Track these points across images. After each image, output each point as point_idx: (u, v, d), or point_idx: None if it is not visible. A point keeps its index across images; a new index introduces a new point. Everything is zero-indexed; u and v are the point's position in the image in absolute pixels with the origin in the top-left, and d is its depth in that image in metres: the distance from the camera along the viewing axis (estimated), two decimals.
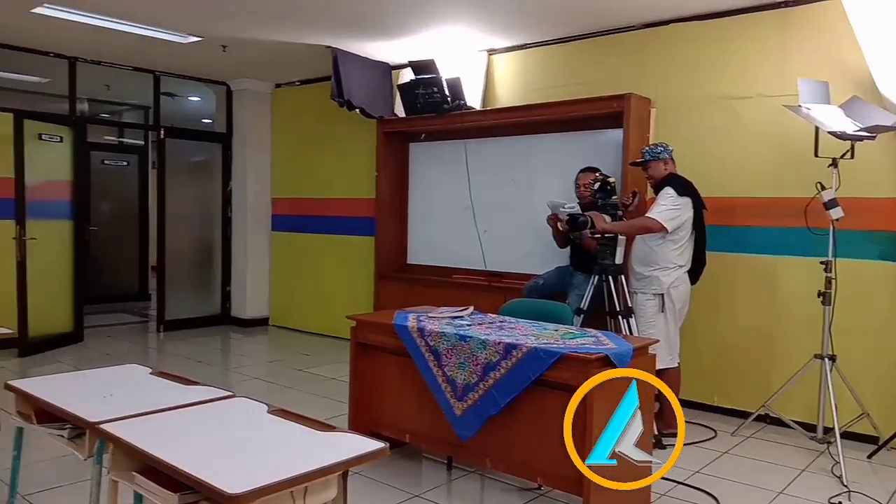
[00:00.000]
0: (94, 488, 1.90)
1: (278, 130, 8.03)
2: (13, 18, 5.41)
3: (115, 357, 6.38)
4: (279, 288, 8.09)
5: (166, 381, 2.29)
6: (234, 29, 5.67)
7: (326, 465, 1.53)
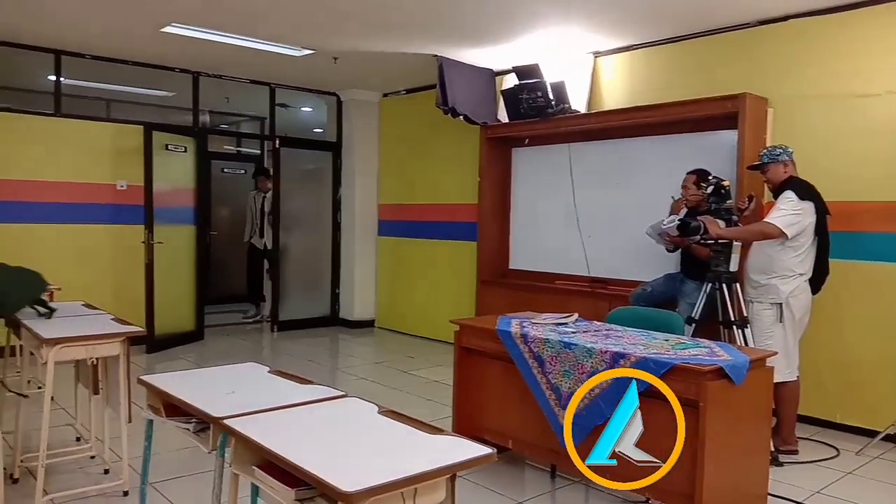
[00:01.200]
0: (217, 480, 2.01)
1: (385, 138, 8.24)
2: (144, 37, 5.83)
3: (233, 355, 6.74)
4: (385, 291, 8.28)
5: (283, 379, 2.39)
6: (345, 41, 5.87)
7: (436, 467, 1.55)
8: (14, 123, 6.22)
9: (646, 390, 2.86)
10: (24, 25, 5.61)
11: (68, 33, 5.84)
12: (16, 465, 3.50)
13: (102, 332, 3.19)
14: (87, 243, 6.54)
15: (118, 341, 3.18)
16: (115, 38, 5.92)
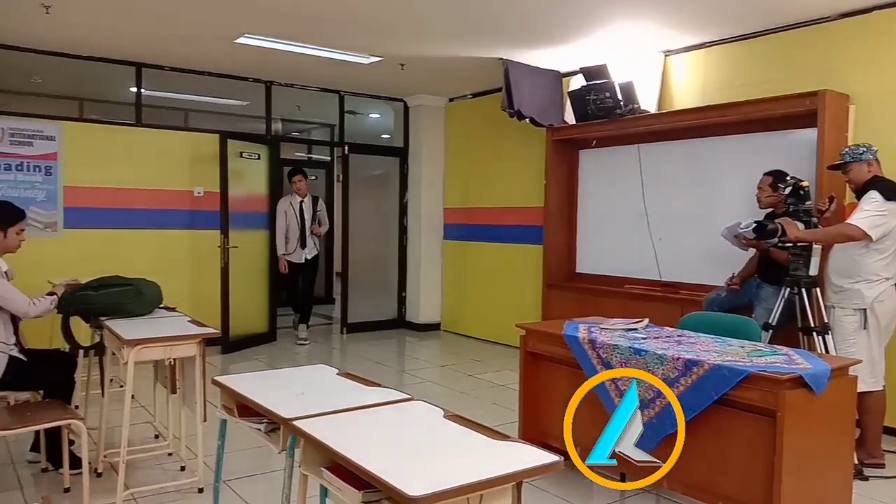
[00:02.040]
0: (287, 480, 2.05)
1: (451, 143, 8.28)
2: (219, 49, 6.04)
3: (303, 356, 6.89)
4: (450, 294, 8.31)
5: (351, 381, 2.42)
6: (412, 48, 5.93)
7: (503, 474, 1.54)
8: (100, 134, 6.54)
9: (722, 399, 2.78)
10: (108, 41, 5.90)
11: (149, 47, 6.10)
12: (99, 460, 3.67)
13: (180, 334, 3.32)
14: (166, 248, 6.81)
15: (194, 342, 3.30)
16: (192, 50, 6.15)
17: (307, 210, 7.34)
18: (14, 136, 6.07)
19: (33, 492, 3.45)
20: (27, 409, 3.37)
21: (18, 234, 3.58)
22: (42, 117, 6.30)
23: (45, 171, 6.20)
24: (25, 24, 5.35)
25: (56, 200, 6.25)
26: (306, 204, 7.35)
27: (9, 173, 6.05)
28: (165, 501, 3.37)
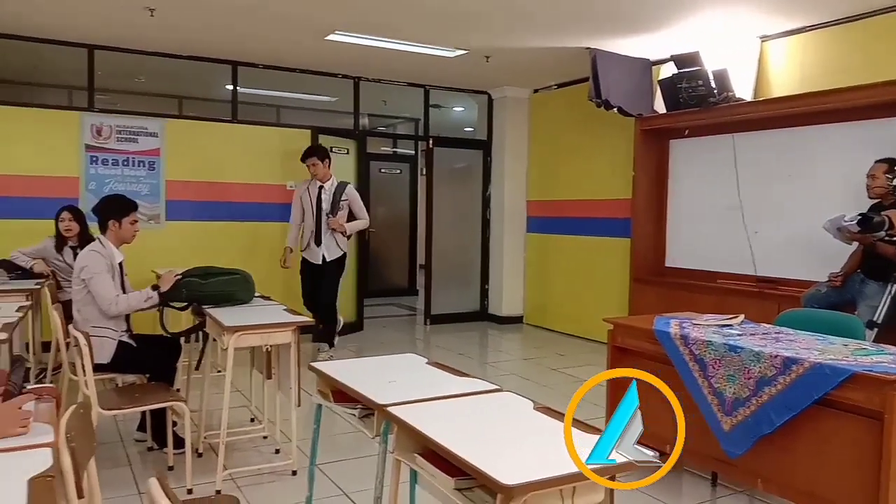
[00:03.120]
0: (380, 465, 2.11)
1: (535, 134, 8.22)
2: (310, 46, 6.21)
3: (389, 346, 7.03)
4: (533, 287, 8.27)
5: (441, 370, 2.46)
6: (497, 40, 5.92)
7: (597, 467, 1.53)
8: (198, 130, 6.86)
9: (822, 399, 2.66)
10: (207, 40, 6.18)
11: (244, 46, 6.35)
12: (200, 441, 3.87)
13: (276, 322, 3.45)
14: (259, 239, 7.07)
15: (290, 330, 3.42)
16: (285, 47, 6.36)
17: (326, 199, 5.98)
18: (121, 133, 6.45)
19: (140, 469, 3.67)
20: (135, 391, 3.59)
21: (132, 225, 3.79)
22: (145, 115, 6.67)
23: (149, 166, 6.57)
24: (131, 27, 5.67)
25: (159, 194, 6.61)
26: (327, 191, 6.00)
27: (116, 168, 6.43)
28: (261, 482, 3.51)
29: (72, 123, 6.29)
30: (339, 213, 5.95)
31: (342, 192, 6.03)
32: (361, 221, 6.17)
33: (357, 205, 6.12)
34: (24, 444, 1.64)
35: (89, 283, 3.59)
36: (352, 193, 6.12)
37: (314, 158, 5.97)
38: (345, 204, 6.02)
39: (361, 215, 6.14)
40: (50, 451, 1.61)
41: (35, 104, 6.49)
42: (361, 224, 6.22)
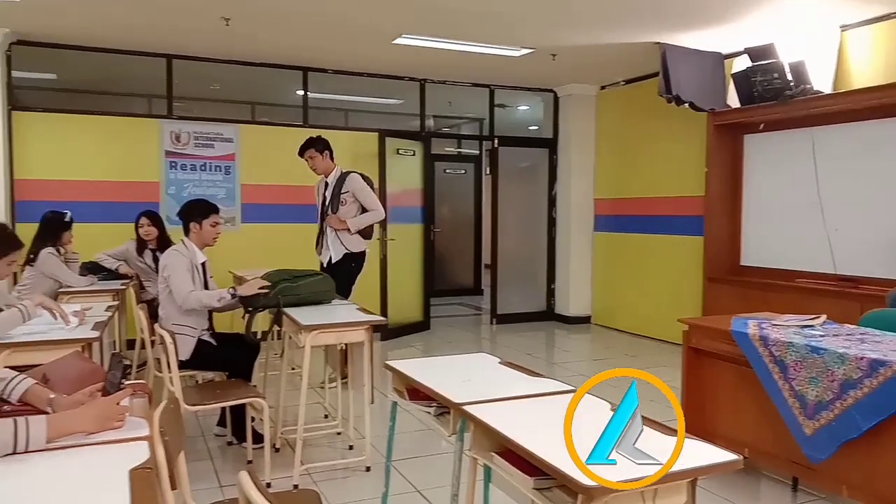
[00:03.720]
0: (456, 463, 2.14)
1: (602, 131, 8.11)
2: (378, 50, 6.31)
3: (456, 345, 7.07)
4: (601, 287, 8.16)
5: (514, 370, 2.47)
6: (564, 37, 5.88)
7: (680, 469, 1.52)
8: (271, 135, 7.06)
9: None
10: (278, 47, 6.35)
11: (314, 52, 6.50)
12: (277, 436, 3.98)
13: (350, 321, 3.52)
14: None
15: (363, 329, 3.49)
16: (353, 52, 6.48)
17: (328, 194, 5.25)
18: (198, 139, 6.70)
19: (221, 463, 3.81)
20: (216, 388, 3.73)
21: (213, 228, 3.93)
22: (221, 121, 6.91)
23: (225, 170, 6.81)
24: (207, 36, 5.88)
25: (235, 197, 6.84)
26: (329, 186, 5.24)
27: (194, 173, 6.69)
28: (335, 477, 3.60)
29: (152, 130, 6.58)
30: (341, 208, 5.12)
31: (341, 184, 5.15)
32: (369, 214, 5.18)
33: (363, 196, 5.16)
34: (121, 437, 1.73)
35: (168, 280, 3.76)
36: (354, 184, 5.14)
37: (311, 150, 5.20)
38: (346, 197, 5.12)
39: (372, 207, 5.18)
40: (146, 444, 1.69)
41: (118, 113, 6.81)
42: (369, 217, 5.19)
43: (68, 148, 6.31)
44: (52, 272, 4.77)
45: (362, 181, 5.17)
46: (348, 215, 5.11)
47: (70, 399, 1.84)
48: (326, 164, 5.21)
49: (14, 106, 6.11)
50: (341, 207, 5.11)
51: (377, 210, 5.20)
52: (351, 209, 5.12)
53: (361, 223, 5.16)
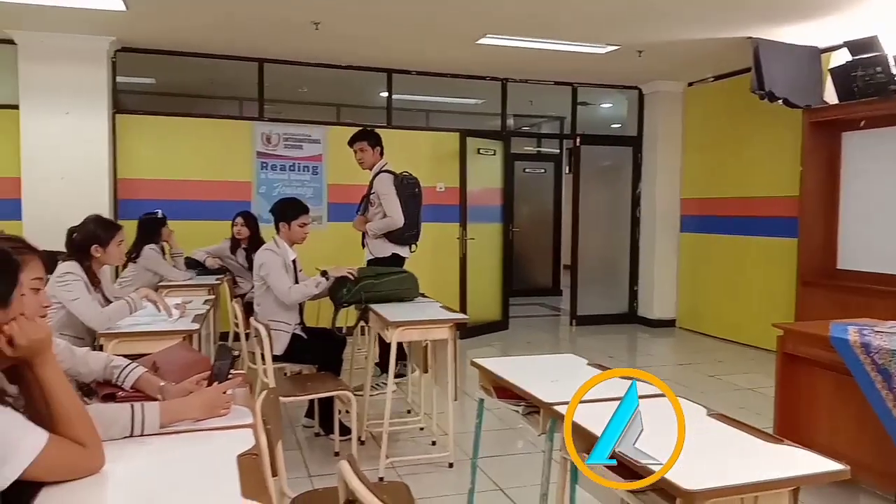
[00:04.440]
0: (546, 462, 2.14)
1: (689, 129, 7.89)
2: (461, 51, 6.35)
3: (535, 346, 7.03)
4: (687, 290, 7.94)
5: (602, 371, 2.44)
6: (651, 34, 5.76)
7: (784, 477, 1.48)
8: None
9: None
10: (364, 50, 6.49)
11: (398, 54, 6.61)
12: (363, 430, 4.08)
13: (435, 318, 3.58)
14: None
15: (447, 327, 3.54)
16: (437, 54, 6.55)
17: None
18: (287, 140, 6.92)
19: (309, 453, 3.93)
20: (307, 380, 3.85)
21: (302, 227, 4.08)
22: (309, 123, 7.12)
23: (313, 170, 7.01)
24: (297, 40, 6.07)
25: (322, 197, 7.03)
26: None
27: (283, 173, 6.92)
28: (419, 472, 3.65)
29: (244, 132, 6.85)
30: (370, 209, 4.93)
31: (373, 183, 4.95)
32: (382, 221, 4.85)
33: (384, 199, 4.83)
34: (228, 424, 1.82)
35: (266, 279, 3.91)
36: (380, 185, 4.86)
37: (363, 143, 4.98)
38: (374, 198, 4.90)
39: (389, 212, 4.81)
40: (250, 431, 1.78)
41: (213, 115, 7.13)
42: (381, 224, 4.85)
43: (166, 149, 6.65)
44: (154, 267, 5.05)
45: (389, 183, 4.84)
46: (375, 217, 4.88)
47: (179, 387, 1.95)
48: (375, 159, 4.99)
49: (118, 109, 6.48)
50: (370, 208, 4.91)
51: (393, 217, 4.79)
52: (379, 211, 4.87)
53: (375, 229, 4.88)
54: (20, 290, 1.49)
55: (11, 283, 1.46)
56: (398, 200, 4.81)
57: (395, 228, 4.84)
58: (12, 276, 1.47)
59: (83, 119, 6.09)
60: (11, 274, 1.47)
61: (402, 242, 4.95)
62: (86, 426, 1.48)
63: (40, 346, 1.46)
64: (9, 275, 1.47)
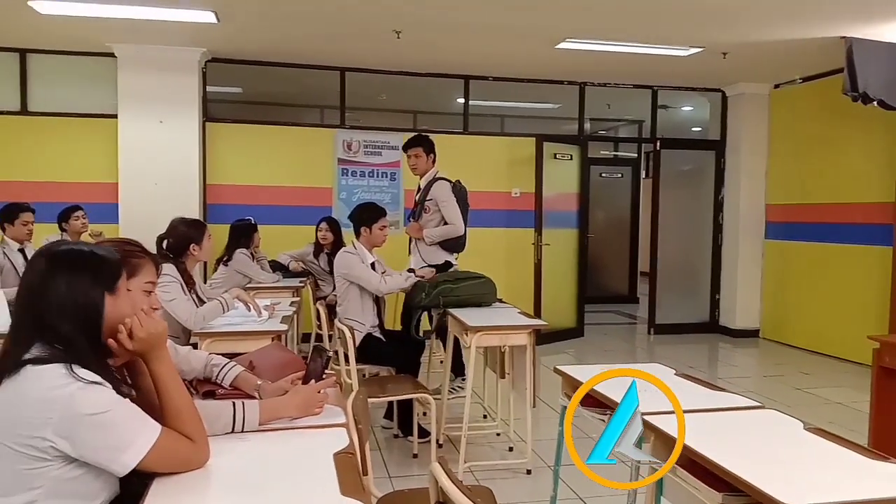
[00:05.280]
0: (633, 472, 2.11)
1: (776, 133, 7.62)
2: (540, 56, 6.34)
3: (612, 354, 6.93)
4: (772, 299, 7.66)
5: (692, 383, 2.40)
6: (737, 34, 5.60)
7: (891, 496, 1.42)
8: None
9: None
10: (443, 57, 6.57)
11: (476, 60, 6.65)
12: (440, 433, 4.12)
13: (515, 324, 3.58)
14: (485, 245, 7.30)
15: (526, 333, 3.54)
16: (515, 59, 6.56)
17: (418, 198, 5.04)
18: (367, 147, 7.08)
19: (388, 454, 4.00)
20: (387, 382, 3.93)
21: (381, 231, 4.18)
22: (388, 130, 7.25)
23: (391, 176, 7.14)
24: (378, 49, 6.20)
25: (399, 202, 7.15)
26: (421, 190, 5.02)
27: (363, 179, 7.08)
28: (496, 477, 3.66)
29: (327, 140, 7.04)
30: (424, 215, 4.88)
31: (429, 189, 4.87)
32: (445, 228, 4.82)
33: (445, 206, 4.81)
34: (322, 423, 1.89)
35: (354, 278, 4.03)
36: (439, 192, 4.81)
37: (419, 149, 4.93)
38: (430, 205, 4.85)
39: (450, 220, 4.81)
40: (344, 430, 1.83)
41: (297, 123, 7.35)
42: (444, 231, 4.83)
43: (252, 156, 6.91)
44: (244, 270, 5.25)
45: (448, 191, 4.82)
46: (429, 224, 4.85)
47: (275, 386, 2.03)
48: (427, 166, 4.95)
49: (207, 118, 6.77)
50: (424, 215, 4.85)
51: (455, 225, 4.81)
52: (434, 217, 4.85)
53: (434, 236, 4.84)
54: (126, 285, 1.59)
55: (117, 274, 1.56)
56: (458, 208, 4.84)
57: (456, 236, 4.85)
58: (117, 268, 1.57)
59: (176, 127, 6.41)
60: (115, 265, 1.57)
61: (454, 249, 4.96)
62: (195, 421, 1.56)
63: (157, 340, 1.56)
64: (114, 266, 1.56)
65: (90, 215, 5.64)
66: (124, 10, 5.11)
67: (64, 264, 1.50)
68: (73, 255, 1.54)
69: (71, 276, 1.49)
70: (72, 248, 1.57)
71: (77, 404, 1.37)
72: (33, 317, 1.47)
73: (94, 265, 1.53)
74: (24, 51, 6.42)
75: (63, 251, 1.55)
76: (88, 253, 1.55)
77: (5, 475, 1.37)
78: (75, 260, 1.52)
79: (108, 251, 1.60)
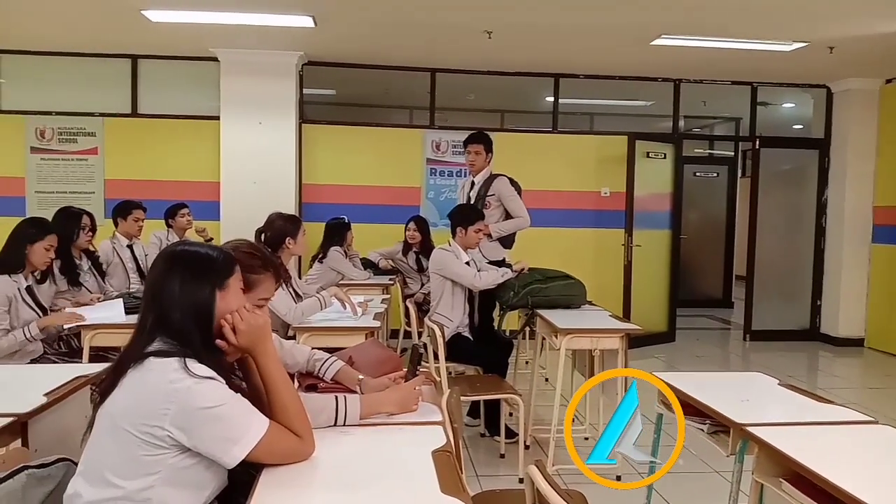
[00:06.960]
0: (734, 485, 2.05)
1: (885, 131, 7.18)
2: (633, 53, 6.21)
3: (706, 360, 6.70)
4: (879, 306, 7.22)
5: (798, 394, 2.30)
6: (845, 28, 5.31)
7: None
8: (519, 142, 7.26)
9: None
10: (532, 56, 6.54)
11: (567, 58, 6.59)
12: (527, 434, 4.10)
13: (606, 327, 3.53)
14: (573, 245, 7.25)
15: (618, 336, 3.48)
16: (607, 57, 6.45)
17: (473, 196, 4.96)
18: (455, 147, 7.12)
19: (473, 453, 4.01)
20: (475, 381, 3.95)
21: (476, 233, 4.21)
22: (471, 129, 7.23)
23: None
24: (468, 49, 6.23)
25: None
26: (475, 187, 4.97)
27: (450, 179, 7.14)
28: (583, 482, 3.60)
29: (416, 140, 7.14)
30: (485, 211, 4.75)
31: (488, 186, 4.84)
32: (513, 221, 4.85)
33: (509, 201, 4.82)
34: (419, 420, 1.92)
35: (450, 274, 4.08)
36: (501, 187, 4.81)
37: (480, 146, 4.90)
38: (491, 200, 4.82)
39: (517, 213, 4.83)
40: (440, 428, 1.86)
41: (388, 124, 7.49)
42: (513, 224, 4.86)
43: (344, 156, 7.09)
44: (338, 267, 5.40)
45: (510, 186, 4.83)
46: (490, 220, 4.76)
47: (376, 381, 2.08)
48: (485, 164, 4.95)
49: (303, 119, 6.99)
50: (485, 211, 4.74)
51: (523, 217, 4.84)
52: (494, 214, 4.83)
53: (503, 230, 4.83)
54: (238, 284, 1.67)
55: (227, 272, 1.64)
56: (523, 202, 4.88)
57: (524, 228, 4.92)
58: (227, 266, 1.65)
59: (274, 129, 6.66)
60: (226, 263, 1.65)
61: (507, 246, 4.96)
62: (301, 416, 1.63)
63: (260, 333, 1.63)
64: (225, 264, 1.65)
65: (194, 212, 5.92)
66: (228, 16, 5.36)
67: (179, 264, 1.61)
68: (186, 255, 1.64)
69: (185, 275, 1.58)
70: (186, 249, 1.67)
71: (193, 398, 1.45)
72: (154, 312, 1.58)
73: (205, 264, 1.62)
74: (136, 57, 6.82)
75: (178, 252, 1.65)
76: (202, 254, 1.65)
77: (127, 460, 1.46)
78: (189, 260, 1.62)
79: (220, 251, 1.69)
